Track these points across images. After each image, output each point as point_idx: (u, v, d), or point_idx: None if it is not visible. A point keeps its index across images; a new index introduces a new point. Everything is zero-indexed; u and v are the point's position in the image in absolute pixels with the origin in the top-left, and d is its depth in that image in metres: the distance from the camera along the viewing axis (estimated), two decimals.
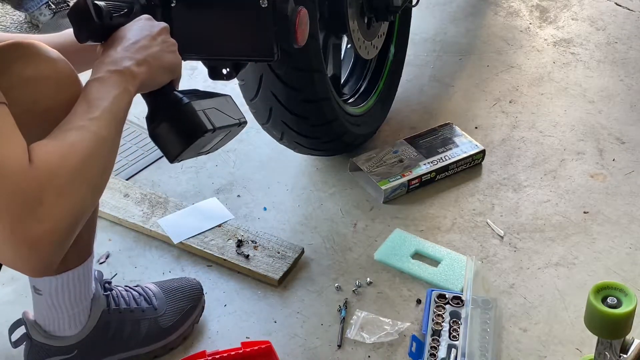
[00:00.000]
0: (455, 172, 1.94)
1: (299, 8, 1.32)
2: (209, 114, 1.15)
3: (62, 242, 0.94)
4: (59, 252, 0.94)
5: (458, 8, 2.76)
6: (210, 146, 1.23)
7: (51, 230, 0.91)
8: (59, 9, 2.72)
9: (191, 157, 1.21)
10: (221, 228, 1.75)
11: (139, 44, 1.11)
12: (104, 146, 1.00)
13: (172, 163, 1.17)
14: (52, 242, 0.92)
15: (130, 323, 1.43)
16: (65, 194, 0.93)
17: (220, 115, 1.19)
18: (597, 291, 1.19)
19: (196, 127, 1.13)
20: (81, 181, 0.96)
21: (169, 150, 1.14)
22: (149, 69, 1.10)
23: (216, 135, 1.18)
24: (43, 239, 0.90)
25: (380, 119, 2.09)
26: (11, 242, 0.89)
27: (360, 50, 1.87)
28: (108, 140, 1.01)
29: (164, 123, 1.13)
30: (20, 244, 0.90)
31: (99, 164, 0.99)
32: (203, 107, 1.15)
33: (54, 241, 0.92)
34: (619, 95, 2.28)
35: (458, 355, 1.44)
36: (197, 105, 1.14)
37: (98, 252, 1.69)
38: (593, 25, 2.64)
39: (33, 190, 0.90)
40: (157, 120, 1.13)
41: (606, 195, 1.89)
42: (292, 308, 1.59)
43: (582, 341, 1.49)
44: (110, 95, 1.03)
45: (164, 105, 1.14)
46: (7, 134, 0.92)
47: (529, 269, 1.67)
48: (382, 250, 1.71)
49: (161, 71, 1.13)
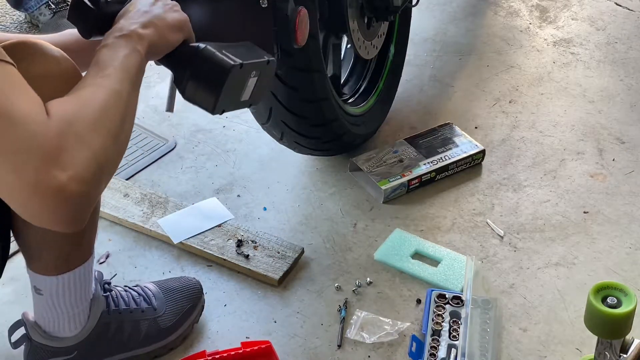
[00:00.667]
0: (455, 172, 1.94)
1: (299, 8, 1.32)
2: (230, 54, 1.12)
3: (88, 191, 0.91)
4: (86, 203, 0.92)
5: (458, 8, 2.76)
6: (248, 93, 1.19)
7: (76, 177, 0.90)
8: (59, 9, 2.72)
9: (234, 107, 1.18)
10: (221, 228, 1.75)
11: (140, 11, 1.12)
12: (119, 99, 1.00)
13: (214, 114, 1.14)
14: (79, 190, 0.90)
15: (130, 323, 1.43)
16: (85, 140, 0.92)
17: (244, 53, 1.16)
18: (597, 291, 1.19)
19: (221, 66, 1.11)
20: (100, 129, 0.95)
21: (206, 102, 1.12)
22: (155, 29, 1.10)
23: (247, 74, 1.15)
24: (69, 187, 0.89)
25: (380, 119, 2.09)
26: (37, 193, 0.88)
27: (360, 50, 1.87)
28: (123, 93, 1.01)
29: (190, 77, 1.11)
30: (46, 195, 0.88)
31: (116, 113, 0.98)
32: (223, 49, 1.13)
33: (81, 190, 0.90)
34: (619, 95, 2.28)
35: (458, 355, 1.44)
36: (215, 47, 1.12)
37: (98, 252, 1.69)
38: (593, 25, 2.64)
39: (53, 139, 0.89)
40: (183, 79, 1.12)
41: (606, 195, 1.89)
42: (292, 308, 1.59)
43: (582, 341, 1.49)
44: (120, 55, 1.03)
45: (184, 62, 1.13)
46: (21, 89, 0.92)
47: (529, 269, 1.67)
48: (382, 250, 1.71)
49: (168, 30, 1.12)
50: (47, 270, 1.29)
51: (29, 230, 1.25)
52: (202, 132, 2.12)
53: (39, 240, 1.26)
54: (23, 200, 0.89)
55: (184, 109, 2.19)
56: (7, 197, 0.91)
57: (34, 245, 1.27)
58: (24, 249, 1.30)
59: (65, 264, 1.29)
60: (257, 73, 1.18)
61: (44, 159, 0.88)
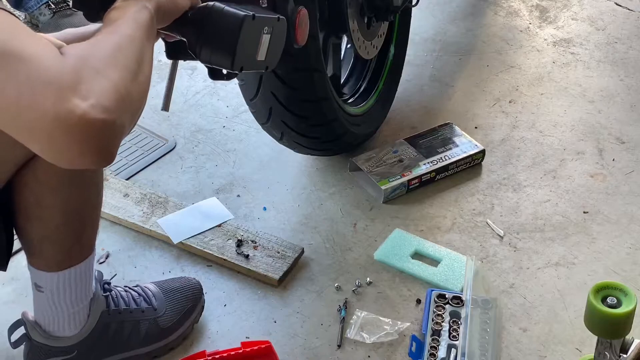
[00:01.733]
0: (455, 172, 1.94)
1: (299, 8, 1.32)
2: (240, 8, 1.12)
3: (113, 119, 0.87)
4: (112, 133, 0.88)
5: (458, 8, 2.76)
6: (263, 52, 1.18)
7: (98, 105, 0.86)
8: (59, 8, 2.72)
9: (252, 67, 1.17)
10: (221, 228, 1.75)
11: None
12: (133, 42, 0.97)
13: (234, 71, 1.13)
14: (103, 117, 0.86)
15: (130, 323, 1.43)
16: (103, 73, 0.89)
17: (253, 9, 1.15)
18: (597, 291, 1.19)
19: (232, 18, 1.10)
20: (117, 64, 0.92)
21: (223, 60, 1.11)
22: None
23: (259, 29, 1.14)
24: (92, 114, 0.85)
25: (380, 119, 2.09)
26: (60, 126, 0.84)
27: (360, 50, 1.87)
28: (136, 38, 0.98)
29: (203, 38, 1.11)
30: (70, 125, 0.84)
31: (131, 53, 0.96)
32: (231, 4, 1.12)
33: (105, 117, 0.86)
34: (619, 95, 2.27)
35: (458, 355, 1.44)
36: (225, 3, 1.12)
37: (98, 252, 1.69)
38: (593, 25, 2.64)
39: (69, 73, 0.86)
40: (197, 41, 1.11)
41: (606, 195, 1.89)
42: (292, 308, 1.59)
43: (582, 341, 1.49)
44: (130, 11, 1.01)
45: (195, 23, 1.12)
46: (29, 32, 0.90)
47: (528, 269, 1.67)
48: (382, 250, 1.71)
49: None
50: (48, 266, 1.29)
51: (31, 224, 1.25)
52: (202, 132, 2.12)
53: (41, 235, 1.26)
54: (46, 136, 0.85)
55: (183, 109, 2.20)
56: (29, 138, 0.87)
57: (35, 240, 1.27)
58: (25, 245, 1.30)
59: (67, 260, 1.29)
60: (270, 30, 1.18)
61: (61, 89, 0.85)
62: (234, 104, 2.21)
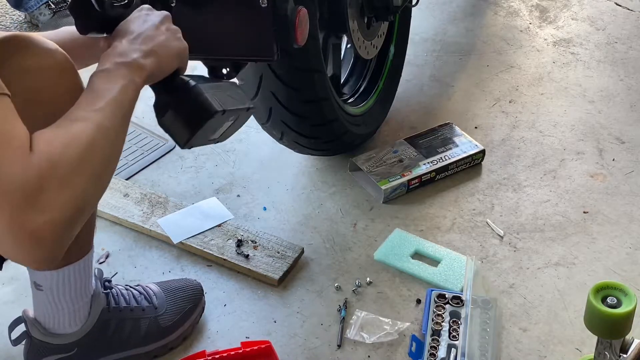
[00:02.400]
0: (455, 172, 1.94)
1: (299, 8, 1.32)
2: (217, 97, 1.13)
3: (64, 234, 0.91)
4: (61, 245, 0.92)
5: (458, 8, 2.76)
6: (220, 133, 1.20)
7: (53, 221, 0.89)
8: (59, 8, 2.72)
9: (201, 143, 1.19)
10: (221, 228, 1.75)
11: (144, 34, 1.10)
12: (107, 137, 0.98)
13: (183, 148, 1.15)
14: (54, 233, 0.90)
15: (130, 322, 1.43)
16: (66, 183, 0.91)
17: (228, 98, 1.17)
18: (597, 291, 1.19)
19: (206, 108, 1.11)
20: (83, 171, 0.93)
21: (180, 135, 1.13)
22: (156, 59, 1.09)
23: (225, 118, 1.16)
24: (44, 230, 0.88)
25: (380, 119, 2.09)
26: (11, 232, 0.87)
27: (360, 50, 1.87)
28: (111, 130, 0.99)
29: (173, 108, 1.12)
30: (21, 234, 0.88)
31: (102, 154, 0.97)
32: (211, 90, 1.13)
33: (56, 232, 0.90)
34: (618, 95, 2.28)
35: (458, 355, 1.44)
36: (205, 88, 1.13)
37: (97, 252, 1.69)
38: (593, 25, 2.64)
39: (33, 179, 0.88)
40: (166, 106, 1.12)
41: (606, 195, 1.89)
42: (292, 308, 1.59)
43: (582, 341, 1.49)
44: (117, 86, 1.02)
45: (172, 91, 1.13)
46: (9, 122, 0.90)
47: (528, 269, 1.67)
48: (382, 250, 1.71)
49: (169, 60, 1.11)
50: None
51: None
52: None
53: None
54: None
55: None
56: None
57: None
58: None
59: (65, 257, 1.29)
60: (235, 117, 1.20)
61: (22, 198, 0.87)
62: None
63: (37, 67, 1.09)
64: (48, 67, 1.11)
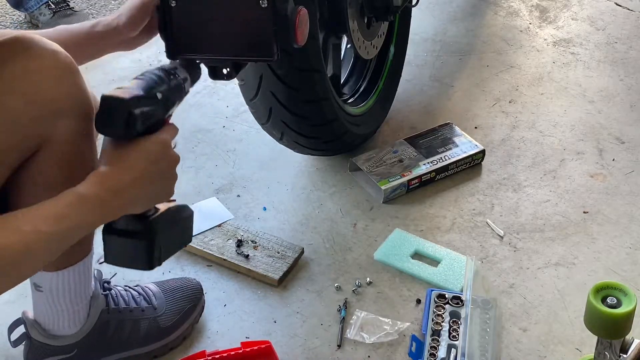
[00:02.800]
0: (455, 172, 1.94)
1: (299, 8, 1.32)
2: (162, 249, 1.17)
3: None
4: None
5: (458, 8, 2.76)
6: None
7: None
8: (59, 8, 2.72)
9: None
10: (221, 228, 1.75)
11: (141, 180, 1.06)
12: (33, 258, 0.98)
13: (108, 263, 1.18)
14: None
15: (129, 322, 1.43)
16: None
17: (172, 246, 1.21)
18: (597, 291, 1.19)
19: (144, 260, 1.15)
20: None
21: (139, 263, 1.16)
22: (135, 207, 1.07)
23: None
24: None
25: (380, 119, 2.09)
26: None
27: (360, 50, 1.87)
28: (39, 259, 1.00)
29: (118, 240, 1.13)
30: None
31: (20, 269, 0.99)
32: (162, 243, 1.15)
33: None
34: (618, 95, 2.28)
35: (458, 355, 1.44)
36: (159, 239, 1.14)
37: (98, 252, 1.68)
38: (593, 25, 2.64)
39: None
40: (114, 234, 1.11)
41: (606, 195, 1.89)
42: (292, 308, 1.59)
43: (582, 341, 1.49)
44: (77, 220, 1.00)
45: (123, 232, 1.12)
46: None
47: (528, 269, 1.67)
48: (382, 250, 1.71)
49: (147, 204, 1.10)
50: (46, 266, 1.29)
51: None
52: (202, 132, 2.12)
53: None
54: None
55: (183, 109, 2.19)
56: None
57: None
58: None
59: (65, 259, 1.29)
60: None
61: None
62: (234, 104, 2.21)
63: (41, 68, 1.09)
64: (51, 68, 1.10)
